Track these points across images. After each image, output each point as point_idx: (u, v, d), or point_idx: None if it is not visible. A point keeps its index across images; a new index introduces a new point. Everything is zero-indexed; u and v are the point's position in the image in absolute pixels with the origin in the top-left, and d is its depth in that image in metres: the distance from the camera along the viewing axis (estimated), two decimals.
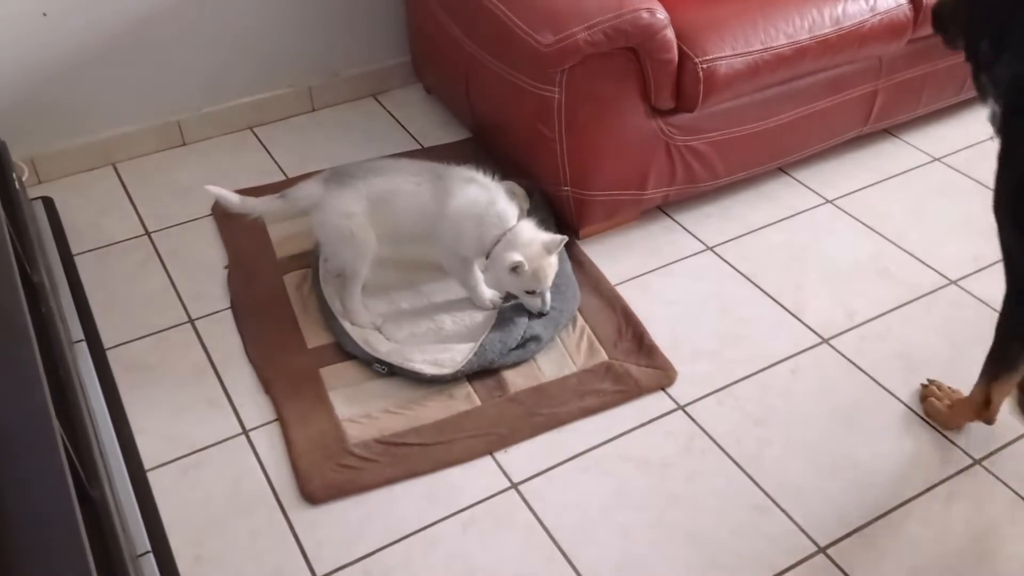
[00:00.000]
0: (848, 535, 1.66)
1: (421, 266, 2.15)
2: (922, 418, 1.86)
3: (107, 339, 2.02)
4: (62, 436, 1.17)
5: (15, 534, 1.00)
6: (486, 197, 1.93)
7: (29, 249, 1.85)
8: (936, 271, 2.21)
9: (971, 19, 1.52)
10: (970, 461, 1.78)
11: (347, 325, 1.99)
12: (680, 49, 2.04)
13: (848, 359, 1.99)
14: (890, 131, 2.66)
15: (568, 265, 2.16)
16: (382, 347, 1.94)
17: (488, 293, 2.05)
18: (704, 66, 2.04)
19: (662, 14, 1.98)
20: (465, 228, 1.92)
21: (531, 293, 1.96)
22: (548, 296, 1.98)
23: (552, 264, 1.94)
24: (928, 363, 1.98)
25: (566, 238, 1.94)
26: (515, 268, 1.88)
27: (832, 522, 1.68)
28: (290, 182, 2.46)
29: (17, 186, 2.11)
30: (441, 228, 1.94)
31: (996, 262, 2.20)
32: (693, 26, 2.07)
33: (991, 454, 1.80)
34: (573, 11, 1.96)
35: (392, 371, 1.91)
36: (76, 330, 1.99)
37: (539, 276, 1.93)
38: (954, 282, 2.18)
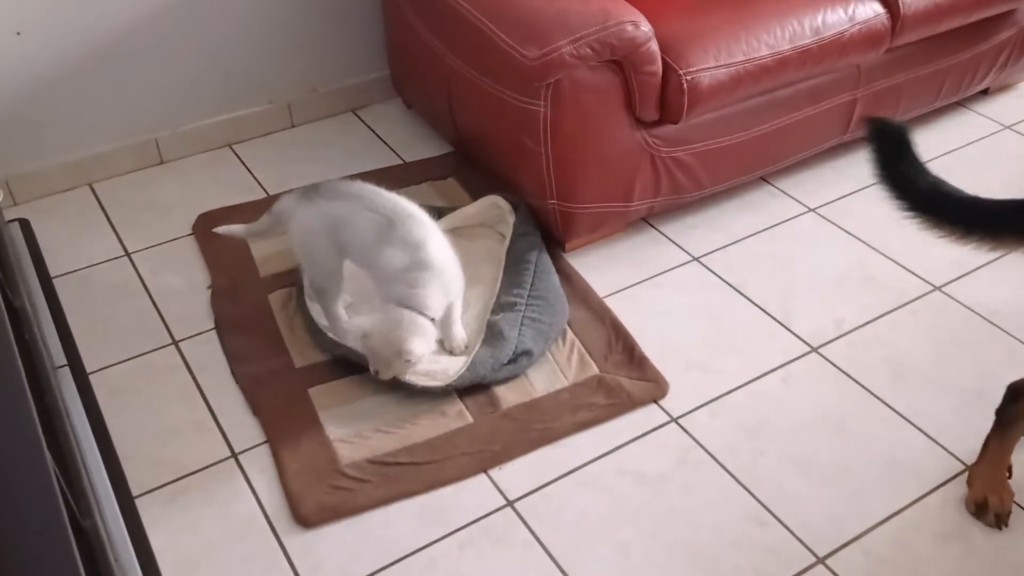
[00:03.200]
0: (846, 544, 1.66)
1: None
2: (912, 424, 1.87)
3: (89, 363, 1.98)
4: (54, 468, 1.14)
5: (11, 570, 0.97)
6: (416, 279, 1.81)
7: (9, 273, 1.82)
8: (920, 277, 2.23)
9: None
10: (962, 467, 1.79)
11: (335, 336, 1.96)
12: (664, 61, 2.05)
13: (838, 367, 2.00)
14: None
15: (556, 279, 2.15)
16: None
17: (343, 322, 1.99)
18: (688, 78, 2.04)
19: (646, 26, 1.99)
20: (377, 284, 1.88)
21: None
22: (383, 375, 1.84)
23: (398, 372, 1.83)
24: (916, 370, 2.00)
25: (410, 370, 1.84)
26: (363, 335, 1.82)
27: (830, 532, 1.68)
28: (271, 199, 2.44)
29: None
30: (369, 262, 1.89)
31: (978, 268, 2.24)
32: (676, 38, 2.08)
33: None
34: (558, 24, 1.96)
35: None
36: (58, 355, 1.96)
37: (381, 359, 1.81)
38: (938, 288, 2.20)
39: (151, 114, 2.53)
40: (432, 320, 1.84)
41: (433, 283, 1.82)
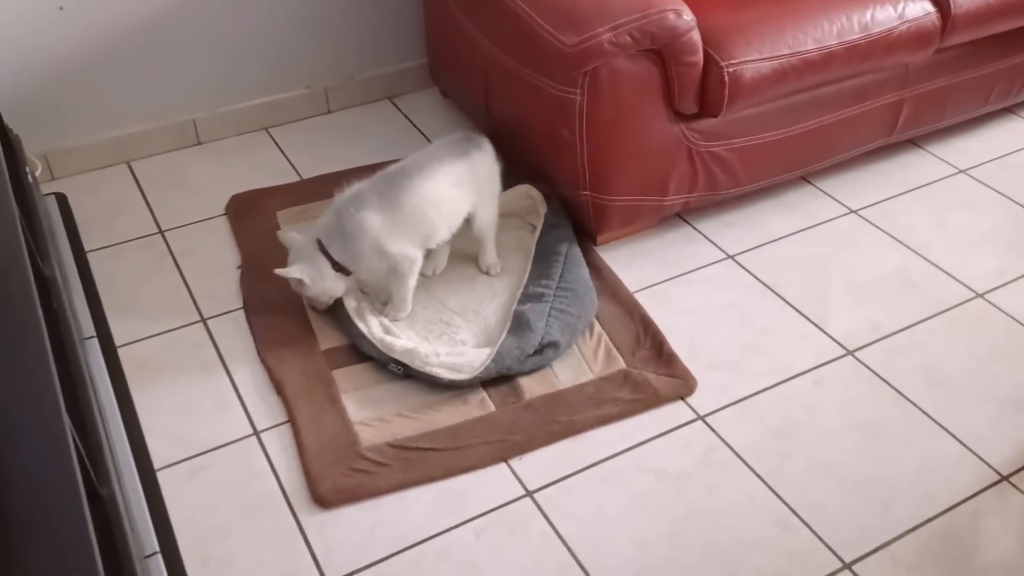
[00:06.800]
0: (874, 551, 1.61)
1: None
2: (948, 432, 1.82)
3: (118, 337, 1.99)
4: (72, 433, 1.14)
5: (23, 531, 0.97)
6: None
7: (41, 243, 1.83)
8: (962, 283, 2.17)
9: None
10: (997, 477, 1.74)
11: (362, 326, 1.95)
12: (706, 52, 2.01)
13: (874, 371, 1.95)
14: (915, 141, 2.63)
15: (585, 271, 2.12)
16: (398, 348, 1.90)
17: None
18: (730, 70, 2.00)
19: (688, 16, 1.95)
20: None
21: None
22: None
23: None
24: (953, 377, 1.94)
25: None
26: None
27: (857, 537, 1.63)
28: (304, 183, 2.44)
29: (30, 181, 2.08)
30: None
31: (1021, 276, 2.18)
32: (719, 29, 2.04)
33: (1018, 471, 1.75)
34: (597, 11, 1.93)
35: (408, 373, 1.88)
36: (88, 327, 1.97)
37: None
38: (980, 295, 2.14)
39: (189, 95, 2.54)
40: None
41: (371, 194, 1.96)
